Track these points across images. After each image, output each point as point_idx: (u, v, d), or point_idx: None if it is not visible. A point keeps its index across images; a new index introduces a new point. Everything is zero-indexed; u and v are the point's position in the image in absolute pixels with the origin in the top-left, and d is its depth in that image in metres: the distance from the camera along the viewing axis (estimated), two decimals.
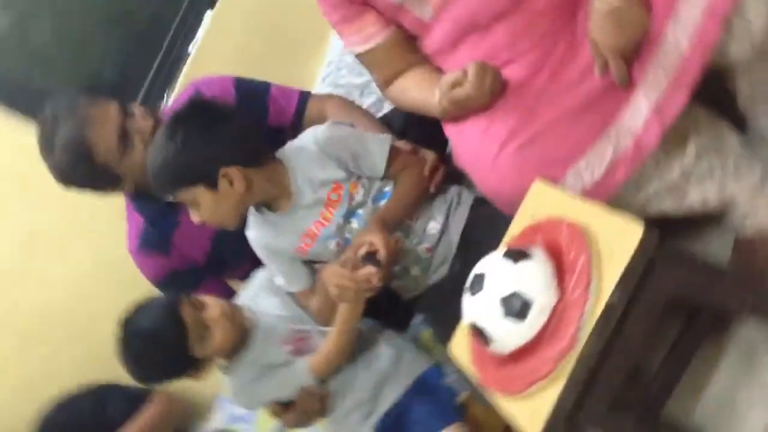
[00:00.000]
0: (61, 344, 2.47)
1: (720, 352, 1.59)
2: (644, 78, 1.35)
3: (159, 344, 1.52)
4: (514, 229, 1.36)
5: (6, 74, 2.48)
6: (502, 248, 1.24)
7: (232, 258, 1.91)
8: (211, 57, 2.10)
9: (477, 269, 1.21)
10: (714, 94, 1.49)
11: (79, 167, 1.70)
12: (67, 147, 1.68)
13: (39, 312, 2.44)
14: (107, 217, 2.36)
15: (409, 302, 1.77)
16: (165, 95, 2.47)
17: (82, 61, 2.61)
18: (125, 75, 2.56)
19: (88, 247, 2.45)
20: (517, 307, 1.11)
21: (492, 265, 1.19)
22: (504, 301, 1.12)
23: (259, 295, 1.73)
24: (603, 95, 1.38)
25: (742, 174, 1.47)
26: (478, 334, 1.18)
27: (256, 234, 1.65)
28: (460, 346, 1.35)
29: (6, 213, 2.41)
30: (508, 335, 1.13)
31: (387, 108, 2.12)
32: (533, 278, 1.14)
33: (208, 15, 2.29)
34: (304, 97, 1.94)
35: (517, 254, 1.17)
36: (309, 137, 1.63)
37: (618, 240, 1.11)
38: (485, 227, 1.61)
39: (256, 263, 1.76)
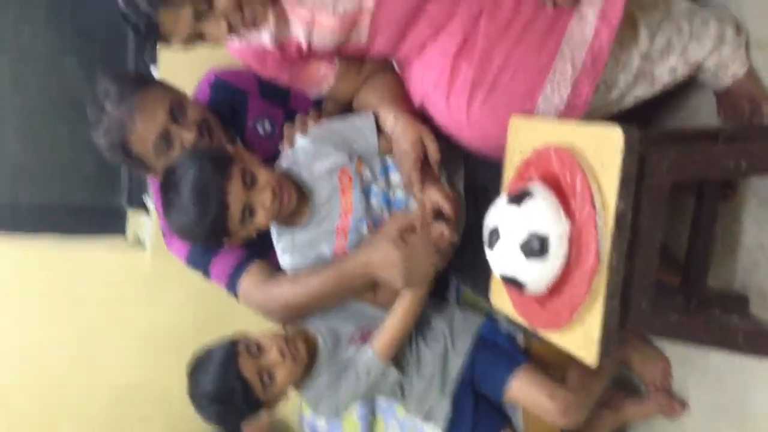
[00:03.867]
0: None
1: (738, 208, 1.62)
2: None
3: (227, 404, 1.55)
4: (509, 171, 1.39)
5: None
6: (503, 195, 1.28)
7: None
8: None
9: (488, 223, 1.24)
10: None
11: (115, 154, 1.68)
12: (107, 132, 1.64)
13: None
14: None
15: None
16: None
17: (58, 165, 2.65)
18: (102, 158, 2.59)
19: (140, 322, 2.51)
20: (536, 247, 1.15)
21: (500, 215, 1.22)
22: (523, 246, 1.16)
23: None
24: (544, 18, 1.40)
25: (699, 34, 1.50)
26: (511, 283, 1.22)
27: (291, 259, 1.66)
28: (499, 297, 1.39)
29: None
30: (538, 275, 1.17)
31: None
32: (541, 214, 1.17)
33: (154, 70, 2.31)
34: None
35: (518, 197, 1.20)
36: (299, 141, 1.67)
37: (603, 149, 1.14)
38: (484, 171, 1.64)
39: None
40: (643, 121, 1.70)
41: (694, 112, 1.72)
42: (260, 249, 1.72)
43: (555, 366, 1.71)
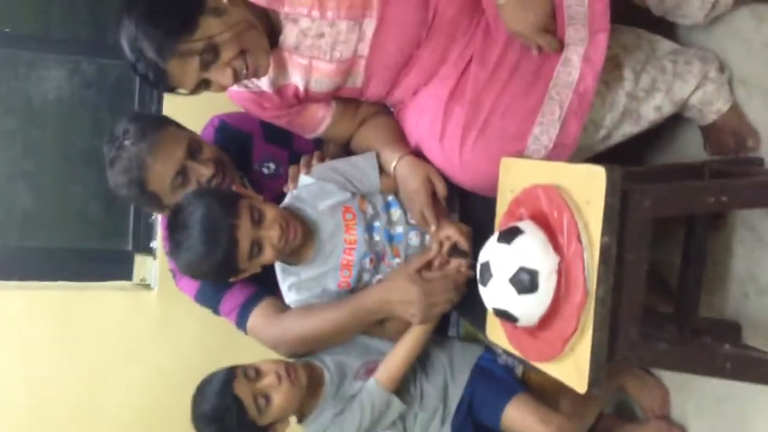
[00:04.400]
0: None
1: (729, 237, 1.66)
2: (567, 35, 1.44)
3: (221, 424, 1.57)
4: (500, 209, 1.44)
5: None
6: (495, 233, 1.32)
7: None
8: None
9: (480, 259, 1.29)
10: (628, 12, 1.57)
11: (132, 190, 1.69)
12: (125, 169, 1.67)
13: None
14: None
15: None
16: None
17: (66, 211, 2.70)
18: (109, 205, 2.65)
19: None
20: (526, 282, 1.20)
21: (492, 252, 1.27)
22: (513, 281, 1.21)
23: None
24: (530, 62, 1.47)
25: (683, 73, 1.56)
26: (504, 316, 1.26)
27: (298, 295, 1.69)
28: (494, 330, 1.43)
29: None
30: (529, 309, 1.22)
31: None
32: (531, 250, 1.22)
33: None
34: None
35: (509, 234, 1.25)
36: (302, 179, 1.73)
37: (588, 187, 1.19)
38: (480, 208, 1.69)
39: None
40: (631, 156, 1.75)
41: (681, 147, 1.76)
42: (269, 286, 1.76)
43: (551, 395, 1.74)
